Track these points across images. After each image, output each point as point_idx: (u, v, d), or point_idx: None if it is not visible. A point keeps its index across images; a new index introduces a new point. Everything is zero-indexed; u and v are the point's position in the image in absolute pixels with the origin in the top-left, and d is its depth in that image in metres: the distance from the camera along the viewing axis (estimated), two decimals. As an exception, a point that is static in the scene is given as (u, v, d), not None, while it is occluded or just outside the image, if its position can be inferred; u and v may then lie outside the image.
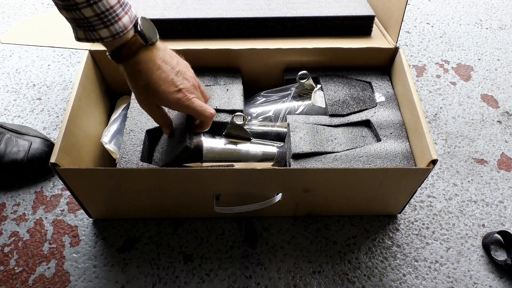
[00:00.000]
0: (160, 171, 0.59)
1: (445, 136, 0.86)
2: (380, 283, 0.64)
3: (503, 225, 0.72)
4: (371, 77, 0.76)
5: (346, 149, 0.64)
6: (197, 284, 0.64)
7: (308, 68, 0.74)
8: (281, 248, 0.68)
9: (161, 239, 0.69)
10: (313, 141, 0.64)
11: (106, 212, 0.70)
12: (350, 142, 0.66)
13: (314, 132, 0.66)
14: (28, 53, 1.03)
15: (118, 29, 0.50)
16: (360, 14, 0.76)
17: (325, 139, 0.65)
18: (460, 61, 1.03)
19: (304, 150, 0.63)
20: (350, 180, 0.61)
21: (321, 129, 0.67)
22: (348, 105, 0.71)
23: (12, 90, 0.93)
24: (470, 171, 0.80)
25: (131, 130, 0.66)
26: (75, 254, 0.67)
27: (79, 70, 0.68)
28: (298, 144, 0.64)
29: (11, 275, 0.64)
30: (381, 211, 0.72)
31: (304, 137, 0.65)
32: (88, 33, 0.50)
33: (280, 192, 0.62)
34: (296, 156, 0.63)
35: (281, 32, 0.77)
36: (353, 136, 0.67)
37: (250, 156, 0.66)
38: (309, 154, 0.63)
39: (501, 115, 0.90)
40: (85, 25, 0.49)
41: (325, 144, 0.64)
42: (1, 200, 0.74)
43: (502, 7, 1.22)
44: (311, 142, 0.64)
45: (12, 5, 1.19)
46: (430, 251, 0.68)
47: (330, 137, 0.66)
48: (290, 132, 0.66)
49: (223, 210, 0.62)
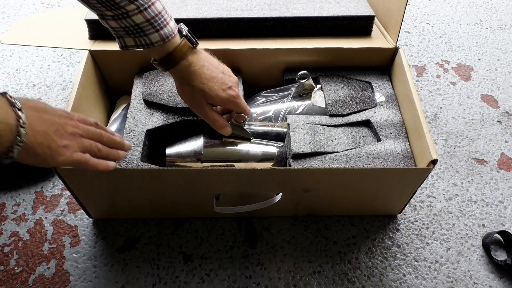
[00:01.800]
0: (160, 172, 0.59)
1: (445, 136, 0.86)
2: (380, 283, 0.64)
3: (503, 225, 0.72)
4: (371, 77, 0.76)
5: (346, 149, 0.64)
6: (197, 284, 0.64)
7: (308, 68, 0.74)
8: (281, 248, 0.68)
9: (161, 239, 0.69)
10: (313, 141, 0.64)
11: (106, 212, 0.70)
12: (350, 142, 0.66)
13: (314, 132, 0.66)
14: (28, 53, 1.03)
15: (167, 32, 0.52)
16: (360, 14, 0.76)
17: (325, 139, 0.65)
18: (460, 61, 1.03)
19: (304, 150, 0.63)
20: (350, 180, 0.61)
21: (321, 129, 0.67)
22: (348, 105, 0.71)
23: (12, 90, 0.93)
24: (470, 171, 0.80)
25: (131, 130, 0.66)
26: (75, 254, 0.67)
27: (79, 70, 0.68)
28: (298, 144, 0.64)
29: (11, 275, 0.64)
30: (381, 211, 0.72)
31: (304, 137, 0.65)
32: (138, 39, 0.52)
33: (280, 192, 0.62)
34: (296, 156, 0.63)
35: (281, 32, 0.77)
36: (353, 136, 0.67)
37: (250, 156, 0.66)
38: (309, 154, 0.63)
39: (501, 115, 0.90)
40: (135, 32, 0.51)
41: (325, 144, 0.64)
42: (1, 200, 0.74)
43: (502, 7, 1.22)
44: (311, 142, 0.64)
45: (12, 5, 1.19)
46: (430, 251, 0.68)
47: (330, 137, 0.66)
48: (290, 132, 0.66)
49: (223, 210, 0.62)
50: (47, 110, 0.48)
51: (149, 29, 0.51)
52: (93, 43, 0.74)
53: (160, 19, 0.51)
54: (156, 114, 0.68)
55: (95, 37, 0.75)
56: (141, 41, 0.52)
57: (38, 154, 0.46)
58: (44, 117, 0.47)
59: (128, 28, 0.51)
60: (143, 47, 0.53)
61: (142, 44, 0.53)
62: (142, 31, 0.51)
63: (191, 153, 0.65)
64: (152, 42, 0.52)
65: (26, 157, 0.45)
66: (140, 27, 0.51)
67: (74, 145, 0.49)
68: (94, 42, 0.74)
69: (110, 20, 0.51)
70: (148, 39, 0.52)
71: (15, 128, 0.42)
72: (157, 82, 0.72)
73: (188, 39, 0.55)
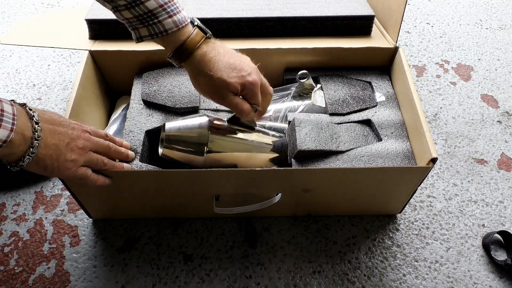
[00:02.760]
0: (160, 173, 0.59)
1: (445, 136, 0.86)
2: (380, 283, 0.64)
3: (503, 225, 0.72)
4: (371, 77, 0.76)
5: (350, 148, 0.64)
6: (197, 284, 0.64)
7: (308, 68, 0.74)
8: (281, 248, 0.68)
9: (161, 239, 0.69)
10: (318, 138, 0.63)
11: (106, 212, 0.70)
12: (354, 141, 0.65)
13: (319, 128, 0.65)
14: (28, 53, 1.03)
15: (181, 19, 0.52)
16: (360, 14, 0.76)
17: (330, 136, 0.64)
18: (460, 61, 1.03)
19: (310, 147, 0.62)
20: (350, 180, 0.61)
21: (325, 126, 0.66)
22: (348, 104, 0.71)
23: (12, 90, 0.93)
24: (470, 171, 0.80)
25: (131, 130, 0.65)
26: (75, 254, 0.67)
27: (79, 70, 0.68)
28: (304, 141, 0.62)
29: (11, 275, 0.64)
30: (381, 211, 0.72)
31: (310, 133, 0.63)
32: (152, 27, 0.52)
33: (280, 192, 0.62)
34: (301, 153, 0.62)
35: (281, 32, 0.77)
36: (356, 134, 0.67)
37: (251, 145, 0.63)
38: (314, 152, 0.62)
39: (501, 115, 0.90)
40: (149, 19, 0.52)
41: (330, 142, 0.63)
42: (1, 200, 0.74)
43: (502, 7, 1.22)
44: (316, 139, 0.63)
45: (12, 5, 1.19)
46: (430, 251, 0.68)
47: (334, 134, 0.65)
48: (295, 127, 0.64)
49: (223, 211, 0.62)
50: (61, 123, 0.50)
51: (163, 14, 0.51)
52: (93, 43, 0.74)
53: (173, 5, 0.52)
54: (156, 114, 0.68)
55: (95, 37, 0.75)
56: (155, 29, 0.52)
57: (47, 165, 0.48)
58: (57, 130, 0.49)
59: (142, 16, 0.51)
60: (157, 36, 0.53)
61: (156, 33, 0.52)
62: (155, 17, 0.51)
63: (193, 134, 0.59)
64: (166, 29, 0.52)
65: (34, 167, 0.47)
66: (154, 13, 0.51)
67: (81, 160, 0.52)
68: (94, 42, 0.74)
69: (123, 10, 0.51)
70: (162, 26, 0.52)
71: (29, 140, 0.45)
72: (156, 82, 0.72)
73: (200, 29, 0.54)
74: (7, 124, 0.42)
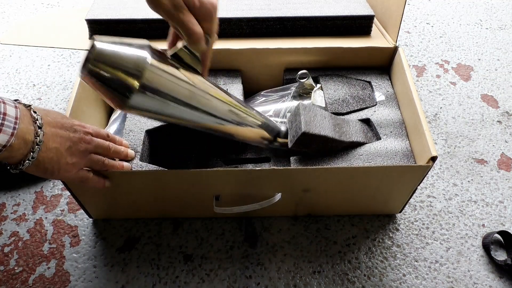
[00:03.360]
0: (160, 173, 0.59)
1: (445, 136, 0.86)
2: (380, 283, 0.64)
3: (503, 225, 0.72)
4: (371, 77, 0.76)
5: (352, 139, 0.63)
6: (197, 284, 0.64)
7: (308, 68, 0.74)
8: (281, 248, 0.68)
9: (161, 239, 0.69)
10: (323, 125, 0.61)
11: (106, 212, 0.70)
12: (356, 134, 0.65)
13: (323, 117, 0.63)
14: (28, 53, 1.03)
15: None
16: (359, 14, 0.76)
17: (333, 126, 0.63)
18: (460, 61, 1.03)
19: (314, 131, 0.59)
20: (350, 179, 0.61)
21: (328, 116, 0.64)
22: (348, 104, 0.71)
23: (12, 90, 0.93)
24: (470, 171, 0.80)
25: (131, 130, 0.66)
26: (75, 254, 0.67)
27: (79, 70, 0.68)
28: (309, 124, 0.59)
29: (11, 275, 0.64)
30: (381, 211, 0.72)
31: (314, 118, 0.61)
32: None
33: (280, 192, 0.62)
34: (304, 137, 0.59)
35: (281, 32, 0.77)
36: (357, 129, 0.67)
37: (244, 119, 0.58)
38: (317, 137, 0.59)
39: (501, 115, 0.90)
40: None
41: (333, 131, 0.62)
42: (1, 200, 0.74)
43: (502, 7, 1.22)
44: (321, 125, 0.61)
45: (12, 5, 1.19)
46: (430, 251, 0.68)
47: (337, 126, 0.64)
48: (300, 110, 0.61)
49: (222, 210, 0.62)
50: (64, 125, 0.49)
51: None
52: (93, 43, 0.74)
53: None
54: None
55: (95, 37, 0.75)
56: None
57: (47, 169, 0.47)
58: (59, 133, 0.48)
59: None
60: None
61: None
62: None
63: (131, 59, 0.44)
64: None
65: (34, 170, 0.47)
66: None
67: (81, 163, 0.51)
68: (94, 42, 0.74)
69: None
70: None
71: (31, 144, 0.44)
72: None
73: None
74: (8, 128, 0.41)
